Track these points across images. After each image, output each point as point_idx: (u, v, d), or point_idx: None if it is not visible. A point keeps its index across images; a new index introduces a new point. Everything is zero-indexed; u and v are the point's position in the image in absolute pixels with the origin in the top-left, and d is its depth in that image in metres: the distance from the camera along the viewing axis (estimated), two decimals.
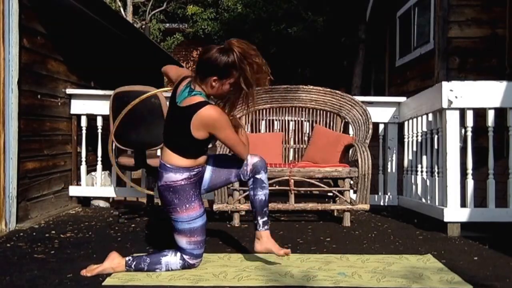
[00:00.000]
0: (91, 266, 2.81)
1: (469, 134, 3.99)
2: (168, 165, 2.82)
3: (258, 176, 2.95)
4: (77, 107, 5.12)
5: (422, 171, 4.49)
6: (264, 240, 2.95)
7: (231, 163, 2.98)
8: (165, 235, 3.84)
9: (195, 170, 2.87)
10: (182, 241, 2.86)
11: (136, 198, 5.45)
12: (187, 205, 2.84)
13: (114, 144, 4.55)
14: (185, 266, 2.87)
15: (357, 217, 4.68)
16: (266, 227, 2.97)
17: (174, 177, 2.82)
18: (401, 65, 8.43)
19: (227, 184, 3.17)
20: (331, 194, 4.64)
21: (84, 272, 2.77)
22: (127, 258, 2.85)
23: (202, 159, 2.90)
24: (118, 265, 2.82)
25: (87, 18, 5.15)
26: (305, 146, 4.87)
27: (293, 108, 4.93)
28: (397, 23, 8.73)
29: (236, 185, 4.24)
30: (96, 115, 5.13)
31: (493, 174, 3.96)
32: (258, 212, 2.96)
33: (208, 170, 2.98)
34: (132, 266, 2.82)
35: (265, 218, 2.97)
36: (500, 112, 4.03)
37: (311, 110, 4.92)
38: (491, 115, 3.98)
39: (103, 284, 2.63)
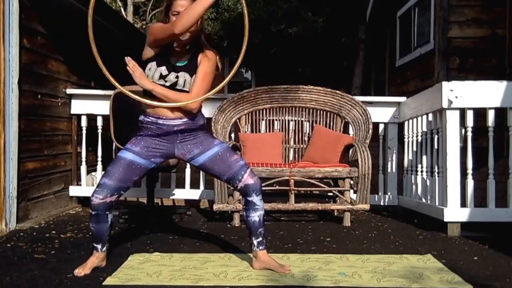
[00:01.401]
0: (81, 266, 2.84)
1: (469, 134, 3.99)
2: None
3: (249, 199, 2.90)
4: (77, 107, 5.12)
5: (422, 171, 4.49)
6: (261, 259, 2.92)
7: (230, 167, 2.91)
8: (165, 235, 3.85)
9: (151, 117, 2.93)
10: None
11: (136, 198, 5.44)
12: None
13: (114, 144, 4.56)
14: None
15: (357, 217, 4.68)
16: (261, 247, 2.92)
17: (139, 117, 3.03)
18: (401, 65, 8.43)
19: (216, 178, 3.16)
20: (331, 194, 4.64)
21: (79, 272, 2.78)
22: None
23: (160, 109, 2.87)
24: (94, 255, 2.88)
25: (87, 18, 5.15)
26: (305, 146, 4.87)
27: (293, 108, 4.93)
28: (397, 23, 8.73)
29: None
30: (96, 115, 5.13)
31: (493, 174, 3.96)
32: (252, 233, 2.93)
33: (209, 154, 2.93)
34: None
35: (260, 239, 2.92)
36: (500, 112, 4.03)
37: (311, 110, 4.92)
38: (491, 115, 3.98)
39: (103, 284, 2.63)
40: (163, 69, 2.87)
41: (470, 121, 3.98)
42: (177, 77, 2.86)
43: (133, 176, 2.87)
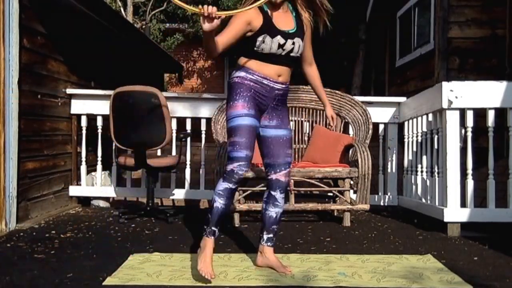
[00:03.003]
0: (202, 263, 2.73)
1: (469, 134, 3.99)
2: (236, 66, 2.84)
3: (273, 193, 2.93)
4: (77, 107, 5.12)
5: (422, 171, 4.49)
6: (267, 256, 2.94)
7: (279, 156, 2.88)
8: (165, 235, 3.85)
9: (256, 75, 2.77)
10: (227, 145, 2.80)
11: (136, 198, 5.45)
12: (230, 103, 2.76)
13: (114, 144, 4.56)
14: (225, 177, 2.75)
15: (357, 217, 4.68)
16: (270, 243, 2.95)
17: (232, 75, 2.82)
18: (401, 65, 8.43)
19: (261, 155, 3.01)
20: (331, 194, 4.64)
21: (207, 272, 2.67)
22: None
23: (268, 70, 2.77)
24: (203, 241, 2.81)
25: (87, 18, 5.15)
26: (305, 146, 4.87)
27: (293, 108, 4.93)
28: (397, 23, 8.73)
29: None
30: (96, 115, 5.13)
31: (493, 174, 3.96)
32: (265, 228, 2.95)
33: (279, 132, 2.88)
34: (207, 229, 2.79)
35: (271, 235, 2.94)
36: (500, 112, 4.04)
37: (311, 110, 4.92)
38: (491, 115, 3.98)
39: (103, 283, 2.63)
40: (280, 38, 2.74)
41: (470, 121, 3.98)
42: (293, 43, 2.79)
43: (254, 142, 2.81)
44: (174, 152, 5.11)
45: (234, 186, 2.75)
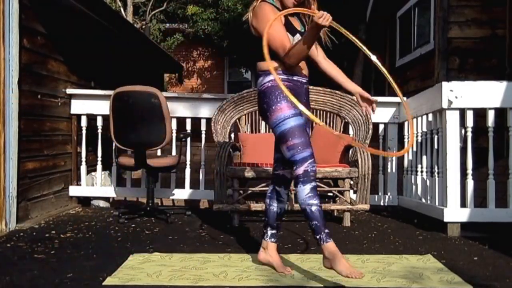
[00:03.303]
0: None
1: (469, 134, 3.99)
2: (259, 72, 2.81)
3: (277, 188, 2.92)
4: (77, 107, 5.12)
5: (422, 171, 4.49)
6: (269, 252, 2.94)
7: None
8: (165, 235, 3.85)
9: (285, 74, 2.75)
10: (284, 150, 2.68)
11: (136, 198, 5.45)
12: (273, 107, 2.70)
13: (114, 144, 4.56)
14: (304, 180, 2.61)
15: (357, 217, 4.68)
16: (273, 239, 2.94)
17: (262, 81, 2.78)
18: (401, 65, 8.43)
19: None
20: (331, 194, 4.64)
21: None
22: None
23: (293, 67, 2.76)
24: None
25: (87, 18, 5.15)
26: None
27: None
28: (397, 23, 8.73)
29: (236, 185, 4.24)
30: (96, 115, 5.13)
31: (493, 174, 3.96)
32: (268, 223, 2.95)
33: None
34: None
35: (274, 231, 2.94)
36: (500, 112, 4.03)
37: (311, 110, 4.92)
38: (491, 115, 3.98)
39: (103, 284, 2.63)
40: (298, 36, 2.79)
41: (470, 121, 3.98)
42: None
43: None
44: (174, 152, 5.11)
45: (315, 183, 2.65)
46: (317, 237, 2.64)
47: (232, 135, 4.95)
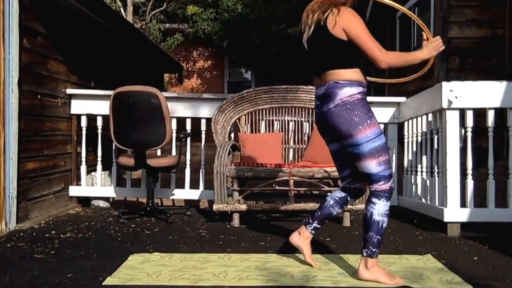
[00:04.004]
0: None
1: (469, 134, 3.99)
2: (341, 81, 2.67)
3: (349, 199, 2.97)
4: (77, 107, 5.12)
5: (422, 171, 4.49)
6: (303, 239, 3.00)
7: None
8: (165, 235, 3.85)
9: (362, 87, 2.72)
10: (371, 165, 2.66)
11: (136, 198, 5.45)
12: (368, 121, 2.65)
13: (114, 144, 4.56)
14: (387, 196, 2.69)
15: (357, 217, 4.68)
16: (313, 232, 3.02)
17: (350, 91, 2.66)
18: None
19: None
20: None
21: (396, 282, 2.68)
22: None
23: (363, 76, 2.75)
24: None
25: (87, 18, 5.16)
26: (305, 146, 4.87)
27: (293, 108, 4.93)
28: (397, 23, 8.73)
29: (236, 185, 4.24)
30: (96, 115, 5.13)
31: (493, 174, 3.96)
32: (318, 217, 2.99)
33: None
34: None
35: (319, 226, 3.02)
36: (500, 112, 4.04)
37: (311, 110, 4.92)
38: (491, 115, 3.98)
39: (103, 283, 2.63)
40: None
41: (470, 121, 3.99)
42: None
43: None
44: (174, 152, 5.11)
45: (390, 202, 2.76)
46: (373, 250, 2.71)
47: (232, 135, 4.95)
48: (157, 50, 9.04)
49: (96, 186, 5.19)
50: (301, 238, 2.99)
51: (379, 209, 2.68)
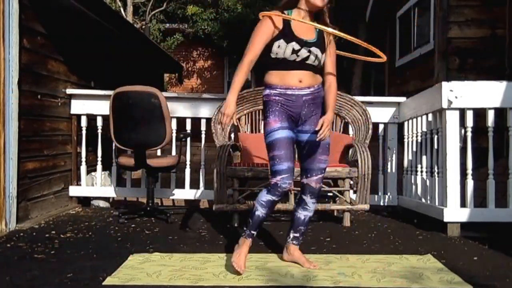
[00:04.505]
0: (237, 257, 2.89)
1: (469, 134, 3.99)
2: (263, 83, 2.96)
3: (303, 197, 3.01)
4: (77, 107, 5.12)
5: (422, 171, 4.49)
6: (291, 252, 3.07)
7: (312, 162, 2.95)
8: (165, 235, 3.85)
9: (278, 89, 2.87)
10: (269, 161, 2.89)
11: (136, 198, 5.45)
12: (264, 121, 2.91)
13: (114, 144, 4.56)
14: (269, 189, 2.85)
15: (357, 217, 4.69)
16: (295, 242, 3.05)
17: (264, 93, 2.94)
18: (401, 65, 8.43)
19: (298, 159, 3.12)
20: (331, 194, 4.64)
21: (239, 265, 2.83)
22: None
23: (289, 78, 2.86)
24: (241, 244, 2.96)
25: (87, 18, 5.15)
26: None
27: None
28: (397, 23, 8.73)
29: (236, 185, 4.24)
30: (96, 115, 5.13)
31: (493, 174, 3.96)
32: (293, 227, 3.06)
33: (311, 138, 2.92)
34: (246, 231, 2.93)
35: (297, 235, 3.05)
36: (500, 112, 4.04)
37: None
38: (491, 115, 3.98)
39: (103, 283, 2.63)
40: (295, 44, 2.83)
41: (470, 121, 3.99)
42: (309, 51, 2.85)
43: (293, 153, 2.91)
44: (174, 152, 5.11)
45: (277, 198, 2.86)
46: (244, 229, 2.95)
47: (232, 135, 4.95)
48: (157, 50, 9.04)
49: (96, 186, 5.19)
50: (289, 253, 3.07)
51: (259, 195, 2.89)
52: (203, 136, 5.15)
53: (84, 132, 5.16)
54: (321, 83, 2.97)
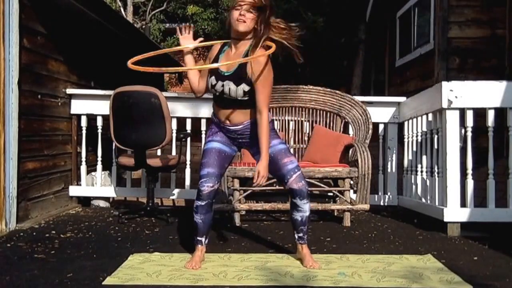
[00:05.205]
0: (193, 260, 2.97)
1: (469, 134, 3.99)
2: None
3: (293, 200, 3.02)
4: (77, 107, 5.12)
5: (422, 171, 4.49)
6: (299, 250, 3.08)
7: (279, 169, 2.97)
8: (165, 235, 3.85)
9: (216, 119, 3.03)
10: None
11: (136, 198, 5.45)
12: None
13: (114, 144, 4.56)
14: (196, 195, 2.98)
15: (357, 217, 4.68)
16: (301, 241, 3.07)
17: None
18: (401, 65, 8.43)
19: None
20: (331, 194, 4.64)
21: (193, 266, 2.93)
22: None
23: (218, 113, 2.99)
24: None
25: (87, 18, 5.15)
26: (305, 146, 4.87)
27: (293, 108, 4.93)
28: (397, 23, 8.73)
29: (237, 185, 4.24)
30: (96, 115, 5.13)
31: (493, 174, 3.96)
32: (294, 228, 3.08)
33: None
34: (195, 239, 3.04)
35: (301, 234, 3.07)
36: (500, 112, 4.04)
37: (311, 110, 4.92)
38: (491, 115, 3.98)
39: (103, 283, 2.63)
40: (213, 79, 2.92)
41: (470, 121, 3.98)
42: (222, 85, 2.88)
43: (225, 163, 3.02)
44: (174, 152, 5.11)
45: (203, 203, 2.94)
46: (194, 237, 3.04)
47: None
48: (157, 50, 9.03)
49: (96, 186, 5.19)
50: (298, 251, 3.11)
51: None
52: (203, 136, 5.14)
53: (84, 132, 5.16)
54: (257, 117, 2.89)
